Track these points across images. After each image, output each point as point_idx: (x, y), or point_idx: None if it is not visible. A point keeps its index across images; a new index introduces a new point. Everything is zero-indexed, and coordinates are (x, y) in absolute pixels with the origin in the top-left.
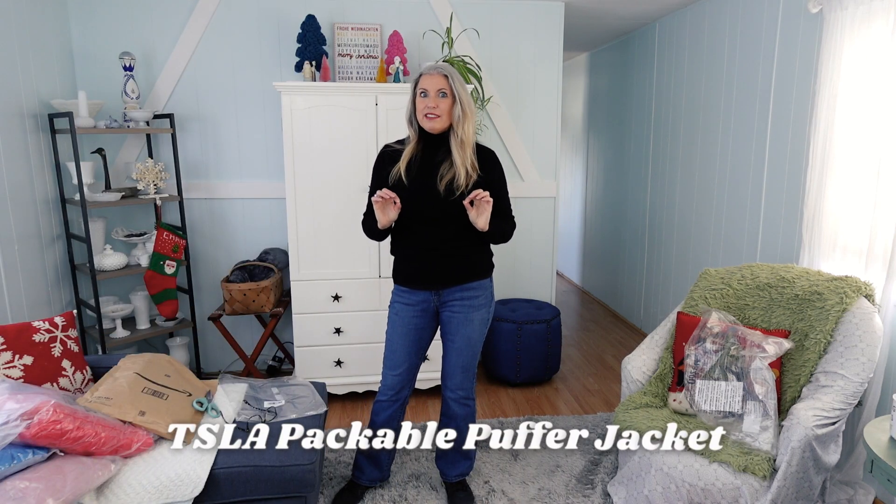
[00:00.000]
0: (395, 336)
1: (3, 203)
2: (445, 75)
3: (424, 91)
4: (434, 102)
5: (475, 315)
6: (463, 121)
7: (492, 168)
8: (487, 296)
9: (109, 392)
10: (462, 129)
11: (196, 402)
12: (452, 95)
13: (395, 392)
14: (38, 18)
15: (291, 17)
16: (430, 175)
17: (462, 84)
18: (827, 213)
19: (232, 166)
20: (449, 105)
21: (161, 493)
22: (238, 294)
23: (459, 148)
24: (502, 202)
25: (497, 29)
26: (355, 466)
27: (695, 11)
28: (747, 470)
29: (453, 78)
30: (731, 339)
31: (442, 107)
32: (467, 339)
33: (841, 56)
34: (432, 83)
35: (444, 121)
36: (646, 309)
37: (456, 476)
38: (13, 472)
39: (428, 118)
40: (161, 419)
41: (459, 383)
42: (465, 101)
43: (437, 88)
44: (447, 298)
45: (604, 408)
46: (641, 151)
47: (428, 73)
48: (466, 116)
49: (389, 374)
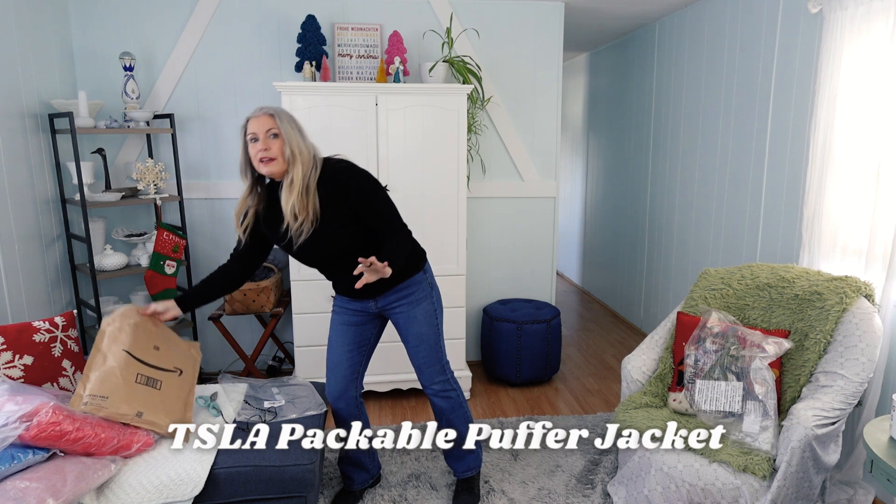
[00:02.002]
0: (334, 338)
1: (3, 203)
2: (272, 114)
3: (254, 136)
4: (265, 144)
5: (417, 311)
6: (293, 163)
7: (343, 188)
8: (424, 288)
9: (104, 388)
10: (293, 170)
11: (199, 398)
12: (282, 136)
13: (342, 397)
14: (38, 18)
15: (291, 18)
16: (281, 225)
17: (291, 123)
18: (827, 213)
19: (232, 166)
20: (281, 146)
21: (161, 492)
22: (238, 294)
23: (287, 191)
24: (378, 211)
25: (497, 29)
26: (342, 475)
27: (695, 11)
28: (747, 470)
29: (280, 117)
30: (731, 339)
31: (274, 148)
32: (418, 336)
33: (841, 56)
34: (259, 125)
35: (281, 163)
36: (646, 309)
37: (464, 472)
38: (13, 472)
39: (263, 163)
40: (159, 418)
41: (430, 378)
42: (294, 141)
43: (266, 129)
44: (385, 303)
45: (604, 408)
46: (641, 151)
47: (254, 117)
48: (295, 158)
49: (331, 378)
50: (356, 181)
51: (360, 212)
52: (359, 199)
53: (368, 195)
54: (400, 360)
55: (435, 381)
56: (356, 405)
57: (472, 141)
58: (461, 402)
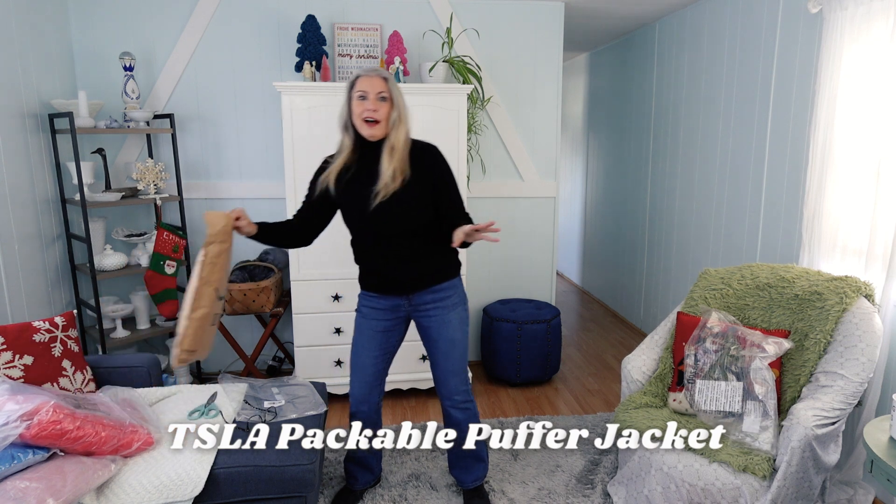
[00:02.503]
0: (362, 341)
1: (3, 203)
2: (385, 78)
3: (363, 93)
4: (374, 105)
5: (451, 315)
6: (398, 126)
7: (432, 165)
8: (460, 294)
9: (194, 342)
10: (395, 134)
11: (194, 411)
12: (391, 100)
13: (364, 401)
14: (38, 18)
15: (291, 18)
16: (366, 185)
17: (399, 90)
18: (827, 213)
19: (232, 166)
20: (388, 110)
21: (161, 492)
22: (238, 294)
23: (389, 154)
24: (452, 198)
25: (497, 29)
26: (347, 474)
27: (695, 11)
28: (747, 470)
29: (391, 81)
30: (731, 339)
31: (382, 111)
32: (450, 340)
33: (841, 56)
34: (371, 85)
35: (384, 128)
36: (646, 309)
37: (472, 482)
38: (13, 472)
39: (367, 123)
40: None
41: (454, 388)
42: (402, 107)
43: (377, 91)
44: (419, 302)
45: (604, 408)
46: (641, 151)
47: (366, 75)
48: (401, 122)
49: (356, 382)
50: (444, 162)
51: (440, 190)
52: (442, 179)
53: (451, 178)
54: (400, 361)
55: (459, 390)
56: (377, 410)
57: (472, 141)
58: (476, 414)
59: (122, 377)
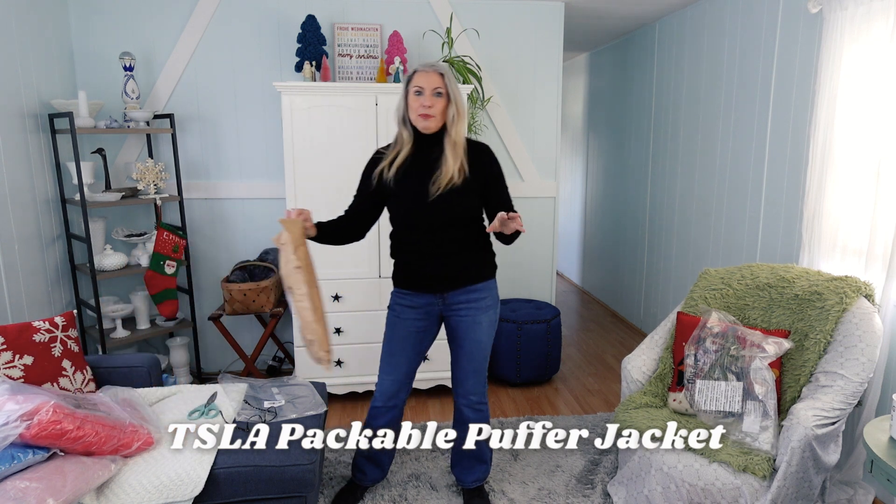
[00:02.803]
0: (395, 339)
1: (3, 203)
2: (441, 73)
3: (419, 89)
4: (429, 101)
5: (483, 317)
6: (457, 121)
7: (487, 163)
8: (494, 297)
9: (327, 341)
10: (455, 129)
11: (193, 411)
12: (448, 95)
13: (392, 397)
14: (38, 18)
15: (291, 17)
16: (423, 176)
17: (456, 84)
18: (827, 213)
19: (232, 166)
20: (444, 105)
21: (161, 492)
22: (238, 294)
23: (452, 149)
24: (502, 198)
25: (497, 29)
26: (356, 468)
27: (695, 11)
28: (747, 470)
29: (448, 77)
30: (730, 339)
31: (437, 106)
32: (477, 342)
33: (841, 56)
34: (428, 81)
35: (439, 121)
36: (646, 309)
37: (473, 482)
38: (13, 472)
39: (422, 117)
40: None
41: (472, 388)
42: (460, 102)
43: (433, 87)
44: (453, 301)
45: (604, 408)
46: (641, 151)
47: (423, 71)
48: (461, 117)
49: (387, 379)
50: (497, 161)
51: (491, 187)
52: (493, 177)
53: (502, 177)
54: None
55: (476, 391)
56: (402, 408)
57: None
58: (488, 417)
59: (122, 377)
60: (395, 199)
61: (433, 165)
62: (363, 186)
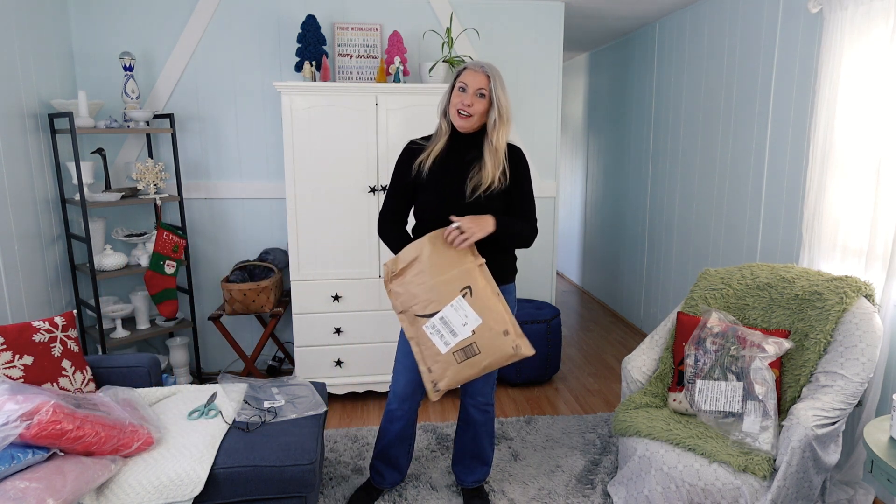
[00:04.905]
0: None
1: (3, 203)
2: (489, 76)
3: (464, 86)
4: (470, 100)
5: None
6: (498, 127)
7: (515, 166)
8: (512, 300)
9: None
10: (496, 135)
11: (192, 411)
12: (490, 98)
13: (407, 399)
14: (38, 18)
15: (291, 17)
16: (455, 174)
17: (503, 89)
18: (827, 213)
19: (232, 166)
20: (484, 107)
21: (161, 493)
22: (238, 294)
23: (492, 155)
24: (524, 203)
25: (497, 29)
26: (373, 470)
27: (695, 11)
28: (747, 470)
29: (496, 80)
30: (731, 339)
31: (476, 107)
32: None
33: (841, 56)
34: (474, 80)
35: (476, 122)
36: (646, 309)
37: (472, 482)
38: (13, 472)
39: (460, 115)
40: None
41: (479, 389)
42: (503, 107)
43: (477, 87)
44: None
45: (604, 408)
46: (641, 151)
47: (472, 69)
48: (503, 123)
49: (401, 380)
50: (527, 166)
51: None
52: (520, 178)
53: (529, 180)
54: None
55: (484, 392)
56: (416, 414)
57: None
58: (493, 418)
59: (121, 377)
60: (425, 193)
61: (468, 165)
62: (401, 178)
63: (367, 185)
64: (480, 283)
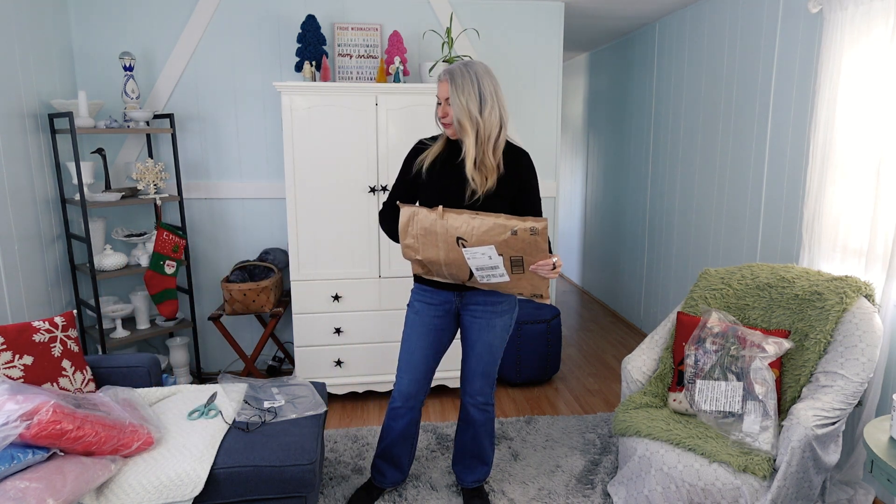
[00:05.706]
0: (414, 337)
1: (3, 203)
2: (448, 82)
3: (437, 97)
4: (442, 111)
5: (497, 321)
6: (461, 134)
7: (525, 169)
8: (511, 302)
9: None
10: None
11: (192, 412)
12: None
13: (411, 398)
14: (38, 18)
15: (291, 17)
16: (452, 177)
17: (464, 91)
18: (827, 213)
19: (232, 166)
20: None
21: (161, 493)
22: (238, 294)
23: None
24: (528, 208)
25: (497, 29)
26: (375, 470)
27: (695, 11)
28: (747, 470)
29: (455, 85)
30: (731, 339)
31: (451, 115)
32: (488, 345)
33: (841, 56)
34: (441, 90)
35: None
36: (646, 309)
37: (473, 482)
38: (13, 472)
39: (444, 124)
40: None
41: (479, 389)
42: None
43: (444, 97)
44: (469, 301)
45: (604, 408)
46: (641, 151)
47: (440, 79)
48: (463, 130)
49: (405, 379)
50: (533, 171)
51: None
52: (526, 183)
53: (536, 185)
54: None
55: (483, 392)
56: (419, 413)
57: None
58: (493, 418)
59: (121, 377)
60: (425, 193)
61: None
62: (406, 174)
63: (367, 185)
64: (460, 226)
